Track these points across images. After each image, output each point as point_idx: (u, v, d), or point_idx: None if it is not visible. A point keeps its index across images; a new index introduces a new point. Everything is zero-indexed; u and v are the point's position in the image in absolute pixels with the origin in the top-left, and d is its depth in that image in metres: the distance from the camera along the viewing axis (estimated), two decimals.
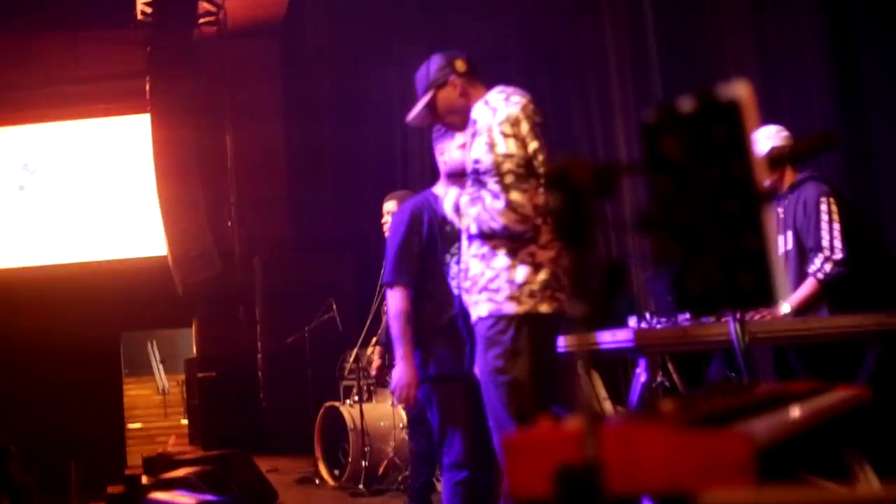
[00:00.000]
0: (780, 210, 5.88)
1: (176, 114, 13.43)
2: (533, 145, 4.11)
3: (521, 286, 4.07)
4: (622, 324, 5.32)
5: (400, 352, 5.07)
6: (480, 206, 4.09)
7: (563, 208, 1.65)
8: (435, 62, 4.49)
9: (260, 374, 12.97)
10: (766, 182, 4.95)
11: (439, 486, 6.64)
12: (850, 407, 2.90)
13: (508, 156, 4.04)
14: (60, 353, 14.66)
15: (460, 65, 4.46)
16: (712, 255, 1.68)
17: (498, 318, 4.12)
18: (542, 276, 4.07)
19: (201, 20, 14.13)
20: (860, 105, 6.69)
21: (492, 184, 4.04)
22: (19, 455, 12.09)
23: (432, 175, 6.49)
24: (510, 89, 4.29)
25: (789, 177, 5.92)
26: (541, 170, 4.07)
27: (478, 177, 4.11)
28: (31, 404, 14.44)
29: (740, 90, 1.66)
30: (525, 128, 4.12)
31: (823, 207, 5.72)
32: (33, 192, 15.85)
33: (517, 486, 1.77)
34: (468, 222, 4.17)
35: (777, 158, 5.42)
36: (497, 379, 4.13)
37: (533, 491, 1.75)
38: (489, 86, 4.41)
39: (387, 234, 7.13)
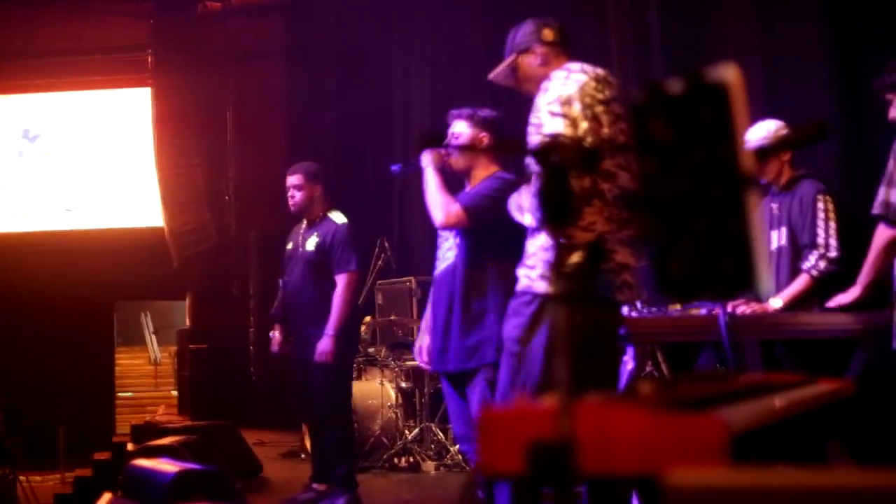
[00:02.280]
0: (775, 206, 5.89)
1: (177, 88, 13.44)
2: (583, 125, 3.99)
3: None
4: None
5: None
6: (528, 195, 4.08)
7: (545, 183, 1.65)
8: (525, 26, 4.48)
9: (251, 348, 12.97)
10: (762, 179, 4.96)
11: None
12: (833, 400, 2.90)
13: (550, 135, 3.97)
14: (54, 319, 14.67)
15: (548, 33, 4.43)
16: (695, 237, 1.67)
17: (528, 295, 4.13)
18: (576, 258, 4.05)
19: None
20: (861, 102, 6.69)
21: (534, 166, 4.02)
22: (5, 419, 12.11)
23: None
24: (578, 66, 4.24)
25: (786, 174, 5.93)
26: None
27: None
28: (21, 369, 14.45)
29: (729, 73, 1.65)
30: (577, 108, 4.01)
31: (820, 205, 5.73)
32: (32, 159, 15.85)
33: (489, 460, 1.77)
34: (526, 218, 4.17)
35: (765, 149, 5.41)
36: (511, 347, 4.18)
37: (504, 466, 1.75)
38: (575, 59, 4.37)
39: (294, 210, 7.20)
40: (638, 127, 1.70)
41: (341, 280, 6.89)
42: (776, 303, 5.57)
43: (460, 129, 5.26)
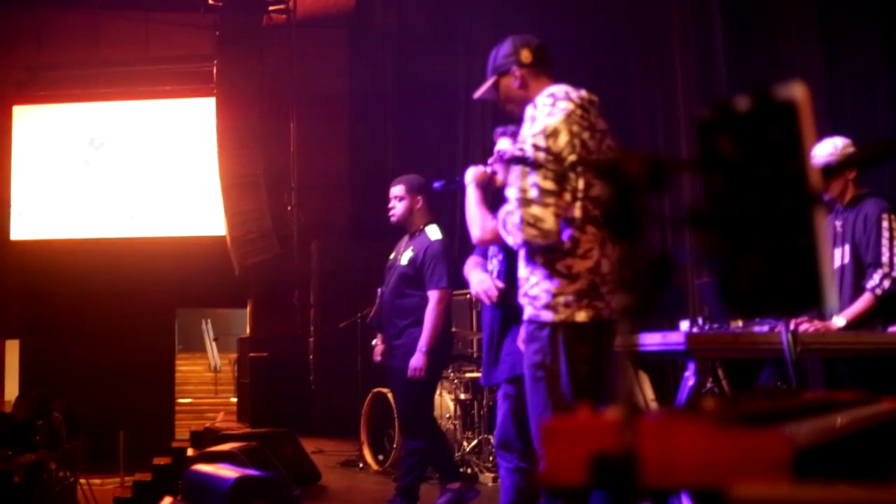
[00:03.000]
0: (839, 223, 5.83)
1: (241, 98, 13.55)
2: (570, 157, 4.04)
3: (555, 296, 4.11)
4: (674, 327, 5.31)
5: None
6: (510, 219, 4.12)
7: (612, 200, 1.66)
8: (504, 47, 4.48)
9: (311, 357, 13.04)
10: (826, 195, 4.92)
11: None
12: None
13: (530, 166, 4.05)
14: (117, 325, 14.87)
15: (525, 55, 4.42)
16: (761, 254, 1.67)
17: (535, 322, 4.20)
18: (578, 285, 4.08)
19: (271, 7, 14.25)
20: None
21: (514, 196, 4.08)
22: (66, 422, 12.27)
23: None
24: (562, 92, 4.24)
25: (850, 191, 5.87)
26: (579, 182, 4.07)
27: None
28: (83, 374, 14.66)
29: (797, 91, 1.66)
30: (563, 139, 4.06)
31: (885, 224, 5.67)
32: (97, 167, 16.08)
33: (552, 471, 1.78)
34: (508, 237, 4.21)
35: (831, 168, 5.38)
36: (535, 373, 4.21)
37: (567, 477, 1.76)
38: (557, 79, 4.38)
39: (393, 220, 7.21)
40: (705, 144, 1.71)
41: (433, 297, 6.89)
42: (839, 321, 5.51)
43: (504, 146, 5.28)
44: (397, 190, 7.16)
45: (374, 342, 7.59)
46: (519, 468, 5.08)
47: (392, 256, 7.34)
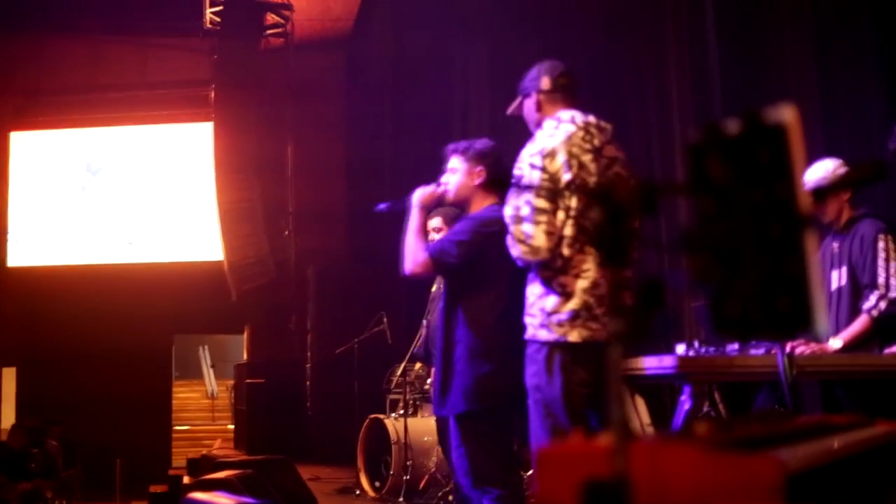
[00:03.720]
0: (836, 245, 5.82)
1: (238, 123, 13.58)
2: (566, 178, 4.20)
3: (549, 314, 4.21)
4: (669, 350, 5.30)
5: None
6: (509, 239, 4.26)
7: (603, 224, 1.66)
8: (532, 72, 4.69)
9: (308, 383, 13.03)
10: (823, 218, 4.92)
11: None
12: (893, 442, 2.87)
13: (525, 187, 4.21)
14: (114, 351, 14.84)
15: (545, 83, 4.61)
16: (752, 278, 1.67)
17: (535, 344, 4.28)
18: (572, 305, 4.15)
19: (268, 31, 14.29)
20: None
21: (509, 215, 4.22)
22: (63, 450, 12.24)
23: None
24: (568, 116, 4.43)
25: (846, 213, 5.87)
26: (572, 200, 4.12)
27: None
28: (80, 400, 14.63)
29: (787, 114, 1.65)
30: (560, 160, 4.23)
31: (881, 245, 5.66)
32: (95, 193, 16.09)
33: (545, 497, 1.78)
34: (514, 251, 4.30)
35: (823, 189, 5.38)
36: (534, 395, 4.27)
37: (560, 502, 1.76)
38: (578, 105, 4.56)
39: None
40: (695, 167, 1.71)
41: None
42: (836, 343, 5.50)
43: (454, 165, 5.27)
44: (435, 223, 7.10)
45: (417, 367, 7.64)
46: (501, 497, 4.94)
47: (434, 288, 7.27)
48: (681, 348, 5.29)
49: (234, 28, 13.79)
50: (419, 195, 5.11)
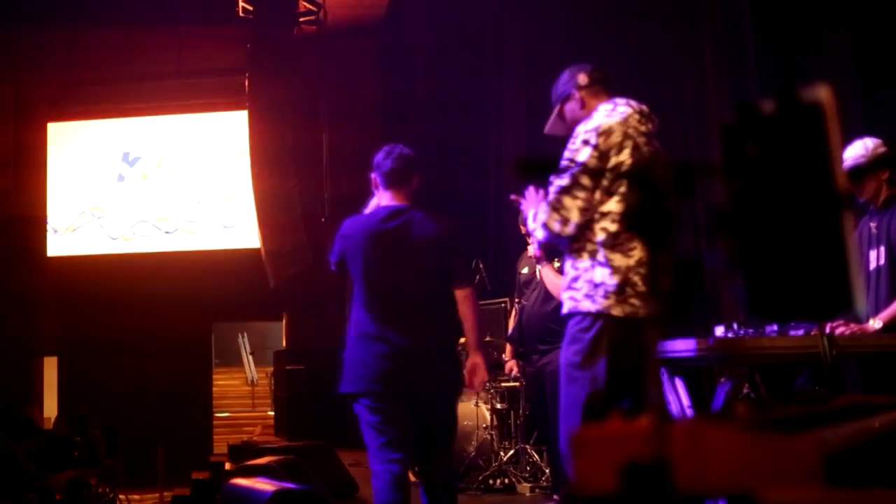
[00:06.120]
0: (874, 224, 5.76)
1: (273, 110, 13.59)
2: (619, 157, 4.25)
3: (597, 286, 4.24)
4: (708, 332, 5.29)
5: None
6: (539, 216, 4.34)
7: (639, 205, 1.66)
8: (563, 77, 4.74)
9: None
10: (860, 197, 4.89)
11: None
12: None
13: (575, 161, 4.25)
14: (153, 340, 14.91)
15: (582, 78, 4.67)
16: (789, 259, 1.66)
17: (578, 315, 4.29)
18: (616, 279, 4.15)
19: (301, 19, 14.29)
20: None
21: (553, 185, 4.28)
22: (105, 438, 12.33)
23: None
24: (623, 101, 4.49)
25: (884, 192, 5.80)
26: (617, 182, 4.20)
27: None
28: (121, 389, 14.72)
29: (822, 93, 1.64)
30: (615, 139, 4.27)
31: None
32: (132, 182, 16.17)
33: (583, 480, 1.78)
34: (538, 233, 4.41)
35: (862, 169, 5.34)
36: (572, 373, 4.27)
37: (599, 486, 1.76)
38: (616, 95, 4.59)
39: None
40: (731, 147, 1.70)
41: None
42: (876, 323, 5.46)
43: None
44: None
45: (504, 357, 7.70)
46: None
47: (525, 272, 7.39)
48: (720, 330, 5.28)
49: (268, 16, 13.81)
50: None
